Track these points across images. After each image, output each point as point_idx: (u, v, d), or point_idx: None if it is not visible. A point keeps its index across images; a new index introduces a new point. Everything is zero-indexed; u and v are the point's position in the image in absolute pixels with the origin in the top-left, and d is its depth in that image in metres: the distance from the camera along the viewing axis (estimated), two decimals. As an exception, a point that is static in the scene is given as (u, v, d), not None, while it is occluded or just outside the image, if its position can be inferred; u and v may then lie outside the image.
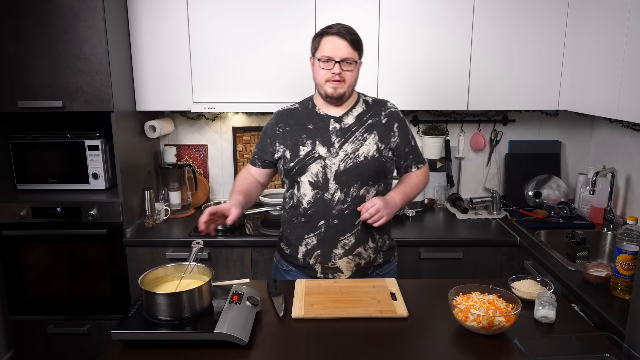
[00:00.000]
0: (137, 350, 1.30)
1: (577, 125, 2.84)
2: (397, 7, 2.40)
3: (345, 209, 1.71)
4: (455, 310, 1.39)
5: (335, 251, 1.74)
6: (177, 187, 2.68)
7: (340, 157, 1.70)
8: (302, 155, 1.71)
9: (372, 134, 1.74)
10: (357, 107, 1.77)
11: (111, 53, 2.23)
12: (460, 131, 2.86)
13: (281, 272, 1.86)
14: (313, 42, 1.72)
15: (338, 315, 1.46)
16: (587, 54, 2.27)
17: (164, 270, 1.50)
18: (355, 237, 1.73)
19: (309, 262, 1.77)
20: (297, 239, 1.77)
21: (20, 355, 2.49)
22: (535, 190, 2.74)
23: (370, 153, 1.71)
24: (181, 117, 2.87)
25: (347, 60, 1.66)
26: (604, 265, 1.86)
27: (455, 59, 2.45)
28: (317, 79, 1.72)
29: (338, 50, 1.64)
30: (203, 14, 2.40)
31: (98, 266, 2.41)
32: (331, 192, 1.70)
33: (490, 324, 1.34)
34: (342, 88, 1.68)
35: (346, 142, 1.72)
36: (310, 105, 1.79)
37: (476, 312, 1.36)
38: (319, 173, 1.70)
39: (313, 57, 1.72)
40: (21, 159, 2.46)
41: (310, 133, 1.73)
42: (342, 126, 1.74)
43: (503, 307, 1.39)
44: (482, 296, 1.45)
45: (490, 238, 2.36)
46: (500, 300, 1.44)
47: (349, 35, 1.66)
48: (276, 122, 1.81)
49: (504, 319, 1.34)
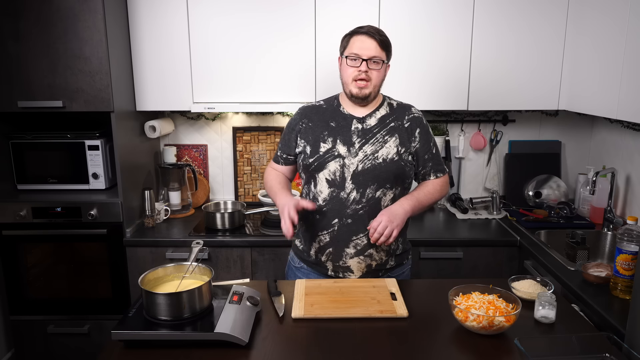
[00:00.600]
0: (137, 350, 1.30)
1: (577, 125, 2.84)
2: (397, 7, 2.40)
3: (359, 209, 1.71)
4: (455, 310, 1.40)
5: (347, 250, 1.74)
6: (177, 187, 2.68)
7: (359, 157, 1.70)
8: (322, 152, 1.72)
9: (394, 137, 1.73)
10: (381, 109, 1.77)
11: (111, 53, 2.23)
12: (460, 131, 2.86)
13: (293, 270, 1.87)
14: (342, 41, 1.73)
15: (338, 315, 1.46)
16: (587, 53, 2.27)
17: (164, 270, 1.50)
18: (367, 238, 1.72)
19: (320, 259, 1.77)
20: (310, 236, 1.78)
21: (20, 355, 2.49)
22: (535, 190, 2.74)
23: (390, 156, 1.71)
24: (181, 117, 2.87)
25: (375, 60, 1.66)
26: (604, 265, 1.85)
27: (455, 59, 2.45)
28: (343, 78, 1.72)
29: (366, 49, 1.65)
30: (203, 14, 2.41)
31: (98, 266, 2.41)
32: (347, 192, 1.70)
33: (490, 324, 1.34)
34: (368, 89, 1.69)
35: (367, 143, 1.72)
36: (335, 104, 1.80)
37: (476, 312, 1.36)
38: (336, 171, 1.70)
39: (341, 56, 1.73)
40: (21, 159, 2.46)
41: (332, 131, 1.74)
42: (364, 127, 1.74)
43: (503, 307, 1.39)
44: (482, 296, 1.45)
45: (490, 238, 2.36)
46: (500, 300, 1.44)
47: (378, 35, 1.67)
48: (300, 117, 1.81)
49: (504, 319, 1.34)
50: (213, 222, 2.45)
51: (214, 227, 2.45)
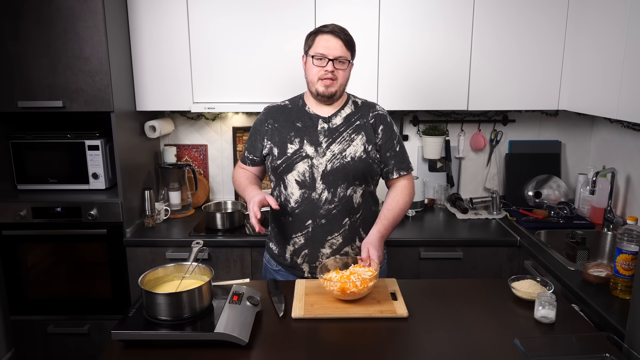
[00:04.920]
0: (137, 350, 1.30)
1: (577, 125, 2.84)
2: (397, 7, 2.40)
3: (332, 209, 1.72)
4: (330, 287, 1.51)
5: (322, 251, 1.75)
6: (177, 187, 2.68)
7: (327, 157, 1.71)
8: (290, 153, 1.72)
9: (360, 135, 1.74)
10: (346, 108, 1.78)
11: (111, 53, 2.23)
12: (460, 131, 2.86)
13: (271, 273, 1.87)
14: (307, 40, 1.73)
15: (338, 315, 1.46)
16: (587, 53, 2.27)
17: (164, 270, 1.50)
18: (342, 236, 1.74)
19: (296, 261, 1.78)
20: (284, 238, 1.78)
21: (20, 355, 2.49)
22: (535, 190, 2.74)
23: (358, 154, 1.72)
24: (181, 117, 2.87)
25: (340, 59, 1.67)
26: (604, 265, 1.86)
27: (455, 59, 2.45)
28: (309, 77, 1.72)
29: (332, 48, 1.65)
30: (203, 14, 2.41)
31: (98, 266, 2.41)
32: (318, 192, 1.71)
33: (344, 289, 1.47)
34: (334, 87, 1.69)
35: (334, 142, 1.72)
36: (300, 104, 1.80)
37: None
38: (306, 172, 1.71)
39: (306, 55, 1.73)
40: (21, 159, 2.46)
41: (299, 131, 1.74)
42: (330, 126, 1.74)
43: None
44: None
45: (490, 238, 2.36)
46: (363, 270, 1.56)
47: (343, 34, 1.67)
48: (265, 118, 1.81)
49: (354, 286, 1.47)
50: (213, 222, 2.45)
51: (214, 227, 2.45)
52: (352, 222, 1.74)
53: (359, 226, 1.77)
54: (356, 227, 1.76)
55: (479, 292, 1.64)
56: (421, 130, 2.84)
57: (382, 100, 2.46)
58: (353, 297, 1.50)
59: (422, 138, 2.80)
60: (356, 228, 1.76)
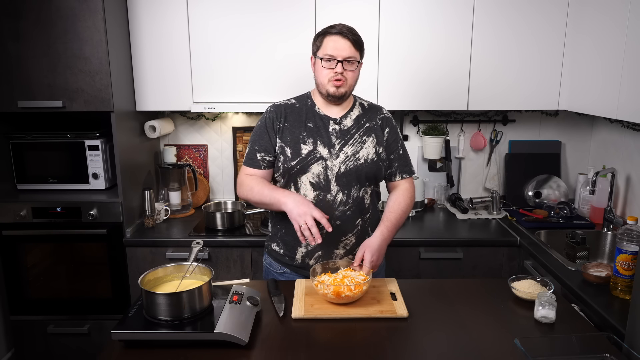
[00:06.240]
0: (137, 350, 1.30)
1: (577, 125, 2.84)
2: (397, 7, 2.40)
3: (347, 210, 1.72)
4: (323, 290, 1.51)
5: (336, 252, 1.75)
6: (177, 187, 2.68)
7: (340, 159, 1.71)
8: (304, 154, 1.70)
9: (371, 137, 1.75)
10: (354, 110, 1.78)
11: (111, 53, 2.23)
12: (460, 131, 2.86)
13: (275, 276, 1.84)
14: (315, 42, 1.71)
15: (338, 316, 1.46)
16: (587, 53, 2.27)
17: (164, 270, 1.50)
18: (355, 237, 1.75)
19: (308, 262, 1.77)
20: (295, 240, 1.74)
21: (20, 355, 2.49)
22: (535, 190, 2.74)
23: (370, 156, 1.73)
24: (181, 117, 2.87)
25: (349, 60, 1.66)
26: (604, 265, 1.86)
27: (455, 59, 2.45)
28: (318, 79, 1.71)
29: (341, 49, 1.64)
30: (203, 14, 2.40)
31: (98, 266, 2.41)
32: (333, 194, 1.71)
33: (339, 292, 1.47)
34: (344, 87, 1.68)
35: (346, 144, 1.72)
36: (309, 103, 1.78)
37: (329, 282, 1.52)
38: (320, 174, 1.70)
39: (314, 57, 1.71)
40: (21, 159, 2.46)
41: (311, 132, 1.72)
42: (341, 128, 1.74)
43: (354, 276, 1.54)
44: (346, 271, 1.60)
45: (490, 238, 2.36)
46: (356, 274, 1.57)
47: (351, 35, 1.66)
48: (276, 116, 1.75)
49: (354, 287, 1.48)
50: (213, 222, 2.45)
51: (214, 227, 2.45)
52: (363, 222, 1.76)
53: (368, 225, 1.78)
54: (366, 226, 1.78)
55: (479, 292, 1.64)
56: (421, 130, 2.84)
57: (382, 100, 2.46)
58: (347, 300, 1.50)
59: (422, 138, 2.81)
60: (366, 228, 1.78)
